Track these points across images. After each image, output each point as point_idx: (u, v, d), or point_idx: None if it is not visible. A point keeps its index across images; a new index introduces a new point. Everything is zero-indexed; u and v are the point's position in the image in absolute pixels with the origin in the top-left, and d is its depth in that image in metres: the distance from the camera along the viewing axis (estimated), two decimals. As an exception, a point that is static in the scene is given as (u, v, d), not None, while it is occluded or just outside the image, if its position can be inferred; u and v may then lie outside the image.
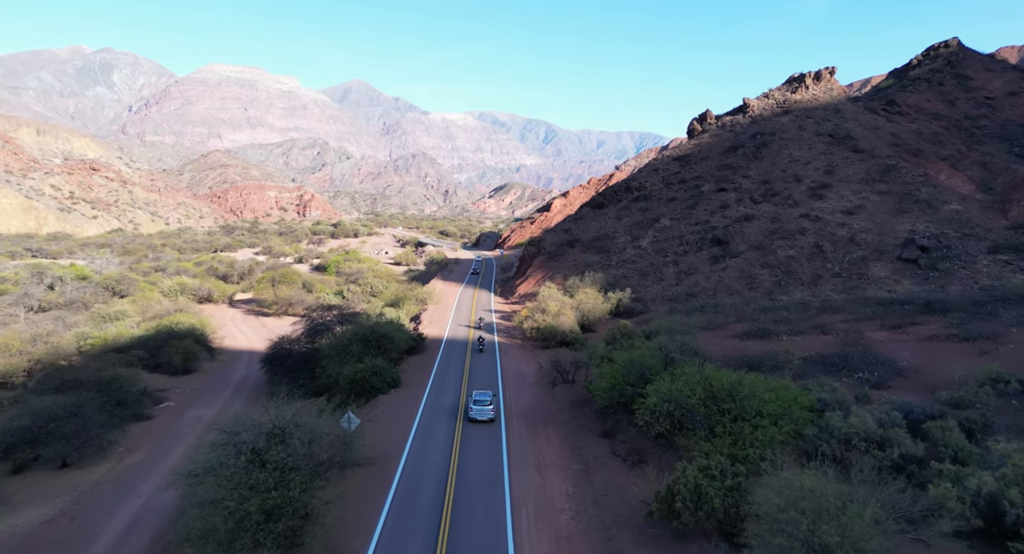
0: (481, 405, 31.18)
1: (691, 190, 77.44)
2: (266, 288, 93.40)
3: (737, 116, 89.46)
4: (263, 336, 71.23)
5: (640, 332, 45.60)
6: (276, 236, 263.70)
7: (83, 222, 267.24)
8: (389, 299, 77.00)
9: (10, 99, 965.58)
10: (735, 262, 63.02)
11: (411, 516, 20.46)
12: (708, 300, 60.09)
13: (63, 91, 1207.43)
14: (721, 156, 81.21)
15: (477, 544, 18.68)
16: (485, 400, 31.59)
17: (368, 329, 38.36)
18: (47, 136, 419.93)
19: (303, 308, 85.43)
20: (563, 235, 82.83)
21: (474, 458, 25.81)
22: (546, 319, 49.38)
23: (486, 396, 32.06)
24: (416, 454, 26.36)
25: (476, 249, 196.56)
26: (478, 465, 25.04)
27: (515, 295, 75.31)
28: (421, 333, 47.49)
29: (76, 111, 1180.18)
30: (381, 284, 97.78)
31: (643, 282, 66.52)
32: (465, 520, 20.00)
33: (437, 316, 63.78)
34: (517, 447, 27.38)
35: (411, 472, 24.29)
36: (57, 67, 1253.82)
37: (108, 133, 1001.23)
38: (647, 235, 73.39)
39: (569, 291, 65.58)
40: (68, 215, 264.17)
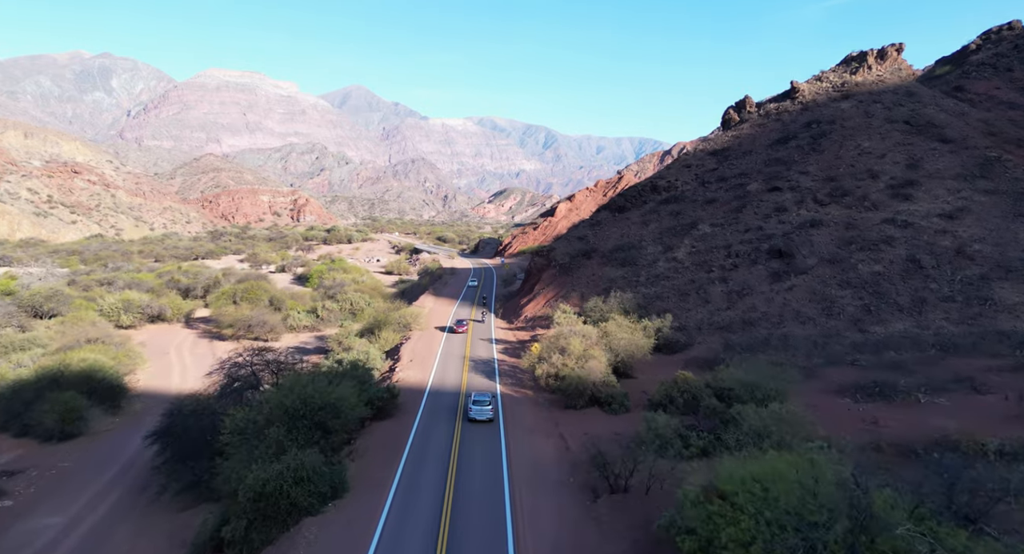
0: (481, 405, 31.28)
1: (734, 190, 63.82)
2: (225, 305, 79.60)
3: (783, 103, 76.11)
4: (207, 371, 57.35)
5: (706, 386, 31.71)
6: (264, 242, 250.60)
7: (60, 227, 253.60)
8: (367, 322, 63.14)
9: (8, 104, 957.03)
10: (803, 280, 49.23)
11: None
12: (772, 330, 46.26)
13: (61, 96, 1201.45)
14: (768, 149, 67.74)
15: None
16: (485, 400, 31.68)
17: (299, 399, 24.29)
18: (35, 139, 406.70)
19: (267, 331, 71.75)
20: (578, 244, 69.05)
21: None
22: (568, 364, 35.49)
23: (485, 397, 32.20)
24: None
25: (475, 256, 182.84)
26: None
27: (521, 318, 61.43)
28: (393, 386, 33.47)
29: (74, 116, 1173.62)
30: (363, 300, 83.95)
31: (683, 304, 52.70)
32: None
33: (423, 349, 49.84)
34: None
35: None
36: (56, 72, 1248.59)
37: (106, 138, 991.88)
38: (683, 244, 59.64)
39: (589, 315, 51.78)
40: (44, 220, 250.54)
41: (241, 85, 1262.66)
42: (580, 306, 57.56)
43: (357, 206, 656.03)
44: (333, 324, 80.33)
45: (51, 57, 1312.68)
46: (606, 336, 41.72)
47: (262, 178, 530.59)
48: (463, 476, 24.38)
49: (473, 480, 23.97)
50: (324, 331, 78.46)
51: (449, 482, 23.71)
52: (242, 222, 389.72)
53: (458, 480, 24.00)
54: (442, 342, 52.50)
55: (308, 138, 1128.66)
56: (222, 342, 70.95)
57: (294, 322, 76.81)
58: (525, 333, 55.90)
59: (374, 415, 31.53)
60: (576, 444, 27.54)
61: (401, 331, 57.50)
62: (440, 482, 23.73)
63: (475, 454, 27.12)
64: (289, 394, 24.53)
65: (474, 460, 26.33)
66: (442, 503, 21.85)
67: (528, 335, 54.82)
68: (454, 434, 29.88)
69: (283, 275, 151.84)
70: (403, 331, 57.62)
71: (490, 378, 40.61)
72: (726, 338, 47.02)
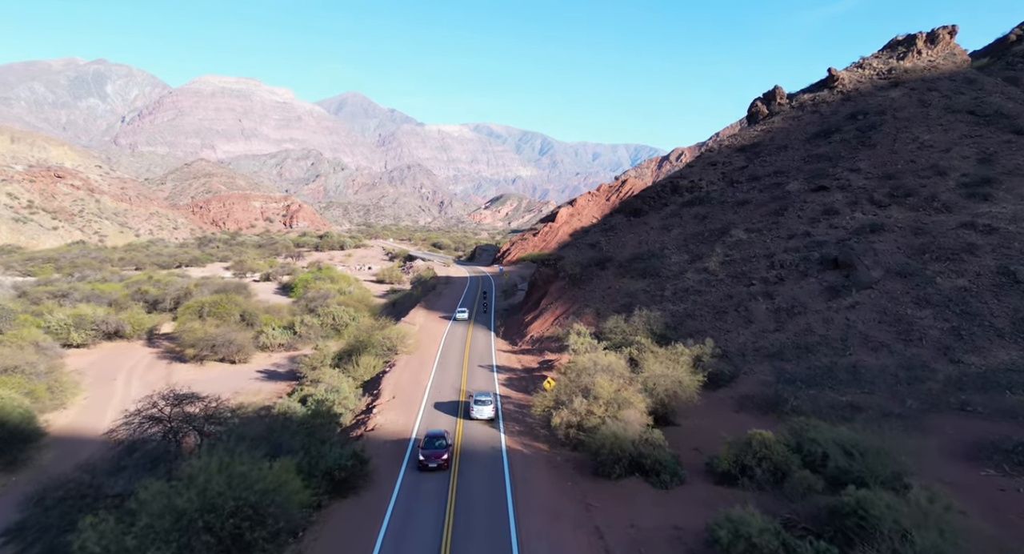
0: (481, 404, 32.67)
1: (770, 190, 55.60)
2: (191, 321, 70.59)
3: (820, 92, 68.14)
4: (153, 402, 48.43)
5: (789, 449, 23.11)
6: (253, 249, 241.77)
7: (40, 233, 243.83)
8: (347, 342, 54.30)
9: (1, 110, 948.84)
10: (868, 296, 40.83)
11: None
12: (835, 357, 37.75)
13: (55, 102, 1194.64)
14: (807, 144, 59.70)
15: None
16: (485, 400, 33.13)
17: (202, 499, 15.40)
18: (22, 143, 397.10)
19: (234, 351, 62.71)
20: (589, 252, 60.59)
21: None
22: (596, 411, 26.86)
23: (487, 395, 33.87)
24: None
25: (471, 264, 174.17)
26: None
27: (526, 338, 52.78)
28: (361, 451, 24.54)
29: (68, 122, 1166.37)
30: (347, 315, 75.11)
31: (720, 324, 44.22)
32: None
33: (409, 380, 41.08)
34: None
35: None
36: (50, 78, 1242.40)
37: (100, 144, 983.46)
38: (714, 253, 51.25)
39: (608, 337, 43.21)
40: (23, 226, 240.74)
41: (236, 91, 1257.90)
42: (596, 325, 48.99)
43: (352, 212, 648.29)
44: (312, 342, 71.46)
45: (46, 63, 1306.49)
46: (638, 369, 33.13)
47: (255, 183, 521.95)
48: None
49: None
50: (302, 349, 69.57)
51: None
52: (233, 228, 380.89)
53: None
54: (433, 370, 43.76)
55: (304, 144, 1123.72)
56: (183, 364, 61.99)
57: (267, 340, 67.90)
58: (532, 358, 47.21)
59: (333, 490, 22.73)
60: (622, 549, 18.77)
61: (385, 355, 48.73)
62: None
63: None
64: (185, 490, 15.72)
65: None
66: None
67: (536, 361, 46.15)
68: (445, 521, 21.10)
69: (267, 284, 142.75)
70: (388, 355, 48.86)
71: (492, 424, 31.82)
72: (778, 367, 38.50)
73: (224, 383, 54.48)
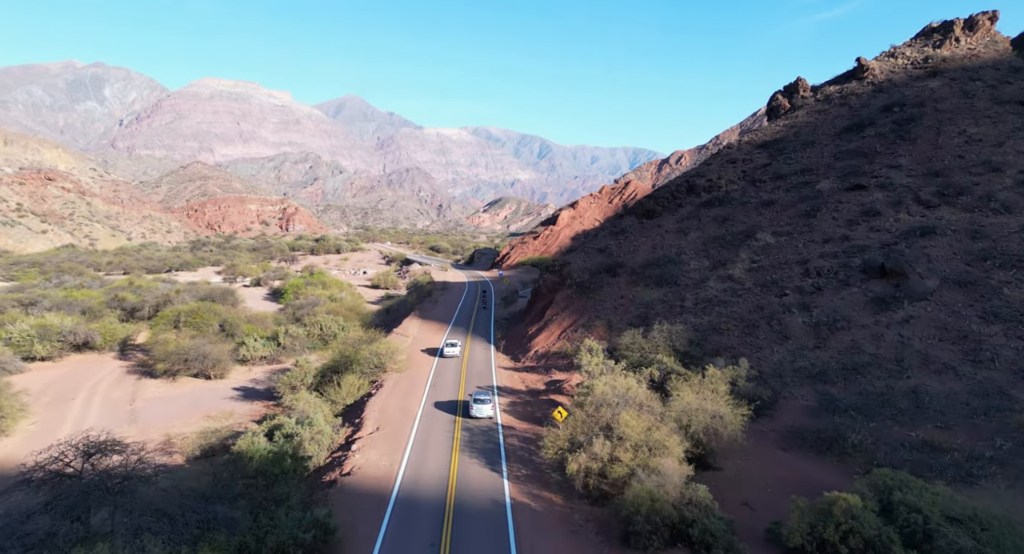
0: (480, 404, 33.20)
1: (798, 189, 50.49)
2: (165, 331, 65.18)
3: (849, 84, 63.09)
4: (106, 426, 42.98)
5: (878, 516, 17.82)
6: (247, 253, 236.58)
7: (29, 237, 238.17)
8: (332, 357, 48.87)
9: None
10: (923, 309, 35.64)
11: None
12: (890, 380, 32.53)
13: (53, 105, 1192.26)
14: (837, 139, 54.65)
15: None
16: (485, 399, 33.49)
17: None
18: (15, 146, 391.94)
19: (209, 366, 57.23)
20: (598, 257, 55.36)
21: None
22: (623, 458, 21.60)
23: (485, 394, 34.15)
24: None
25: (470, 268, 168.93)
26: None
27: (530, 354, 47.47)
28: (327, 516, 19.03)
29: (66, 125, 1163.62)
30: (335, 324, 69.79)
31: (751, 340, 39.01)
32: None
33: (396, 407, 35.75)
34: None
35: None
36: (48, 81, 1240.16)
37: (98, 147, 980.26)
38: (739, 259, 46.09)
39: (625, 355, 37.96)
40: (11, 229, 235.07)
41: (235, 94, 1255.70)
42: (609, 340, 43.74)
43: (350, 215, 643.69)
44: (298, 354, 66.11)
45: (43, 67, 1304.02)
46: (664, 395, 27.90)
47: (251, 186, 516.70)
48: None
49: None
50: (287, 362, 64.25)
51: None
52: (228, 231, 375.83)
53: None
54: (425, 393, 38.44)
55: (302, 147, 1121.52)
56: (153, 380, 56.55)
57: (248, 352, 62.49)
58: (537, 377, 41.88)
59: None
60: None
61: (373, 373, 43.37)
62: None
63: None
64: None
65: None
66: None
67: (542, 381, 40.83)
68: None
69: (257, 289, 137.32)
70: (375, 373, 43.50)
71: (492, 466, 26.50)
72: (823, 392, 33.26)
73: (194, 403, 49.16)
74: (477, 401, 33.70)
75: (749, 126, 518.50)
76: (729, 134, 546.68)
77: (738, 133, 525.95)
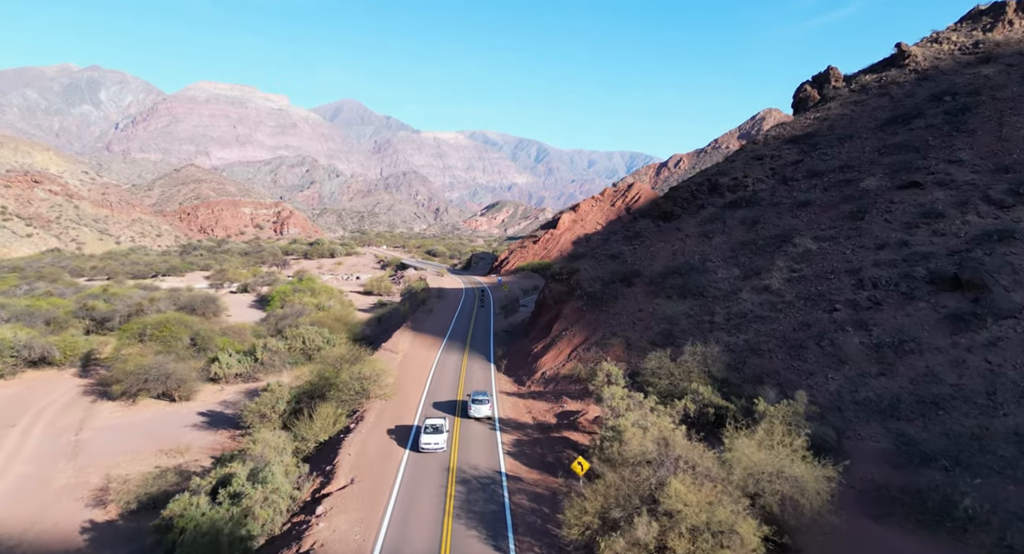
0: (479, 404, 32.98)
1: (838, 188, 44.69)
2: (130, 346, 58.86)
3: (887, 72, 57.44)
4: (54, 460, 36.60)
5: None
6: (238, 257, 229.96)
7: (13, 241, 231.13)
8: (307, 382, 42.60)
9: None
10: (1012, 329, 29.77)
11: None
12: (983, 419, 26.58)
13: (48, 108, 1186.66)
14: (879, 132, 48.97)
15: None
16: (483, 399, 33.29)
17: None
18: (5, 149, 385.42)
19: (173, 387, 50.84)
20: (611, 265, 49.37)
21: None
22: (678, 547, 15.45)
23: (484, 394, 33.98)
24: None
25: (467, 273, 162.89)
26: None
27: (536, 376, 41.36)
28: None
29: (61, 129, 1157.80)
30: (320, 337, 63.61)
31: (797, 363, 33.05)
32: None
33: (377, 447, 29.58)
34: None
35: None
36: (43, 84, 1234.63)
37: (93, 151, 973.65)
38: (775, 267, 40.17)
39: (651, 382, 31.92)
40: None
41: (231, 98, 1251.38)
42: (628, 361, 37.72)
43: (346, 219, 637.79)
44: (278, 370, 59.97)
45: (39, 70, 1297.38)
46: (708, 438, 21.88)
47: (245, 190, 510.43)
48: None
49: None
50: (264, 380, 58.01)
51: None
52: (222, 235, 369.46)
53: None
54: (413, 430, 32.23)
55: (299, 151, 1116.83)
56: (110, 403, 50.16)
57: (220, 370, 56.22)
58: (546, 407, 35.74)
59: None
60: None
61: (354, 400, 37.15)
62: None
63: None
64: None
65: None
66: None
67: (551, 412, 34.69)
68: None
69: (244, 296, 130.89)
70: (357, 400, 37.28)
71: (497, 541, 20.32)
72: (898, 431, 27.28)
73: (150, 432, 42.86)
74: (476, 401, 33.53)
75: (748, 130, 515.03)
76: (728, 137, 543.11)
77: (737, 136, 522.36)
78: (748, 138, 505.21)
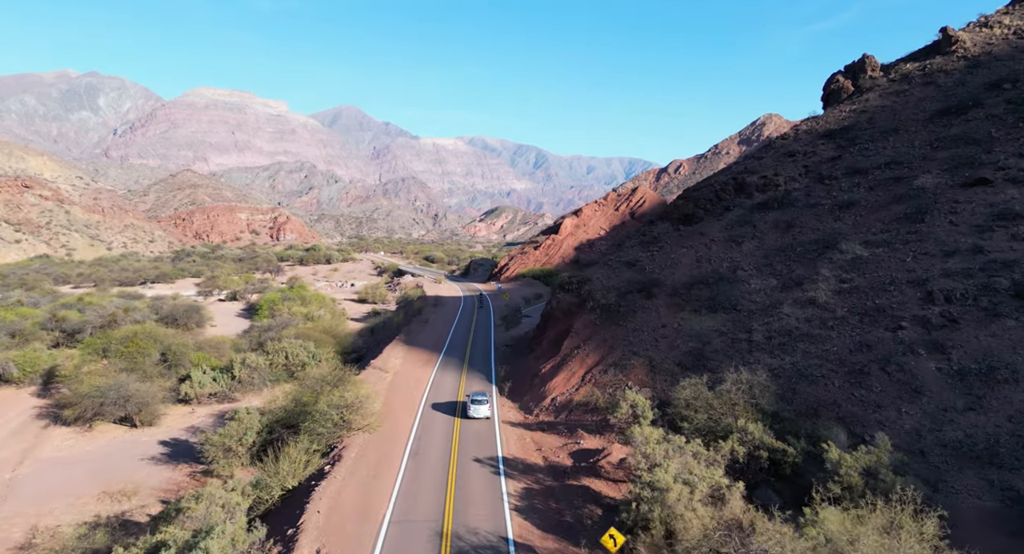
0: (478, 404, 33.18)
1: (887, 186, 39.54)
2: (93, 362, 53.25)
3: (932, 60, 52.53)
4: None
5: None
6: (232, 263, 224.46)
7: (0, 247, 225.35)
8: (282, 409, 37.07)
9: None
10: None
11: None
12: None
13: (46, 114, 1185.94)
14: (930, 124, 43.89)
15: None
16: (482, 400, 33.59)
17: None
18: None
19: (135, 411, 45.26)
20: (627, 273, 43.99)
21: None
22: None
23: (483, 395, 34.34)
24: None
25: (466, 280, 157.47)
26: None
27: (545, 402, 35.85)
28: None
29: (59, 135, 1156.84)
30: (305, 352, 58.12)
31: (860, 393, 27.65)
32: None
33: (354, 500, 24.03)
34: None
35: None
36: (41, 90, 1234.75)
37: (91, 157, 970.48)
38: (819, 276, 34.86)
39: (686, 416, 26.59)
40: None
41: (230, 104, 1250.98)
42: (654, 386, 32.27)
43: (344, 224, 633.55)
44: (258, 389, 54.41)
45: (37, 76, 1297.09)
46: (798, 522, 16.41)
47: (242, 195, 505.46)
48: None
49: None
50: (243, 399, 52.56)
51: None
52: (217, 241, 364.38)
53: None
54: (400, 472, 26.69)
55: (297, 157, 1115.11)
56: (63, 429, 44.48)
57: (192, 389, 50.61)
58: (559, 442, 30.21)
59: None
60: None
61: (333, 433, 31.58)
62: None
63: None
64: None
65: None
66: None
67: (566, 450, 29.15)
68: None
69: (233, 305, 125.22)
70: (337, 433, 31.72)
71: None
72: (1003, 483, 21.87)
73: (98, 467, 37.26)
74: (475, 402, 33.65)
75: (748, 135, 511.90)
76: (728, 143, 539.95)
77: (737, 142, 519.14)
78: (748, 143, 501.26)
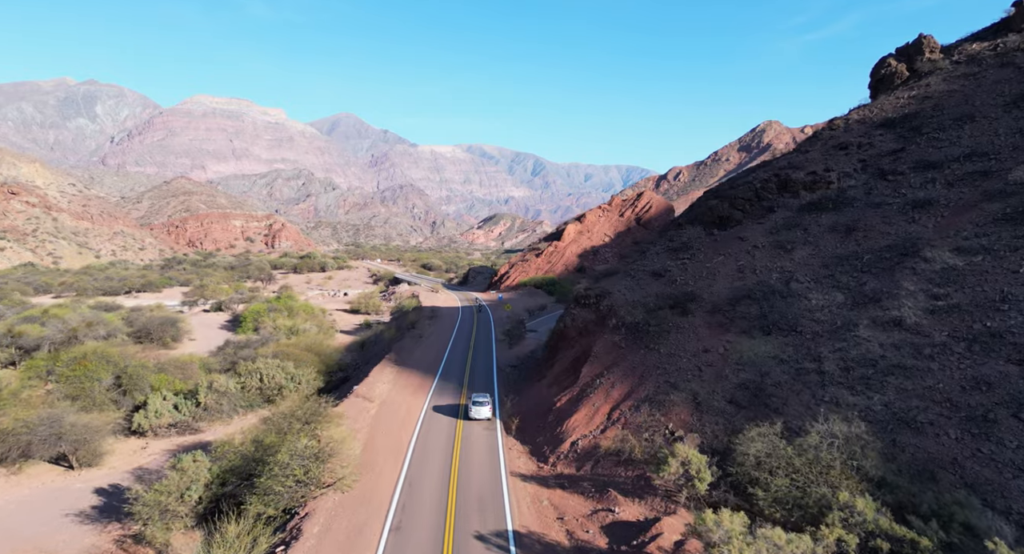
0: (479, 405, 33.25)
1: (971, 182, 33.04)
2: (34, 388, 46.17)
3: (1005, 38, 46.26)
4: None
5: None
6: (223, 271, 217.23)
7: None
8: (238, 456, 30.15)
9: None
10: None
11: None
12: None
13: (44, 122, 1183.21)
14: (1014, 110, 37.43)
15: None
16: (483, 401, 33.59)
17: None
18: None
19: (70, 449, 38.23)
20: (654, 285, 37.30)
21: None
22: None
23: (484, 396, 34.33)
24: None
25: (464, 288, 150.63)
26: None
27: (563, 447, 28.91)
28: None
29: (56, 142, 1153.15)
30: (283, 374, 51.12)
31: (987, 447, 20.91)
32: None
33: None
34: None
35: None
36: (39, 98, 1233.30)
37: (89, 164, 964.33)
38: (903, 292, 28.19)
39: (756, 479, 19.90)
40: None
41: (228, 112, 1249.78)
42: (702, 430, 25.43)
43: (341, 232, 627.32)
44: (227, 417, 47.44)
45: (35, 84, 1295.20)
46: None
47: (237, 202, 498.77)
48: None
49: None
50: (210, 430, 45.67)
51: None
52: (211, 248, 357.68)
53: None
54: None
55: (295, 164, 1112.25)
56: (-14, 470, 37.32)
57: (147, 420, 43.57)
58: (584, 505, 23.25)
59: None
60: None
61: (296, 494, 24.61)
62: None
63: None
64: None
65: None
66: None
67: (595, 520, 22.17)
68: None
69: (217, 316, 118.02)
70: (300, 492, 24.74)
71: None
72: None
73: (9, 526, 30.15)
74: (476, 403, 33.40)
75: (748, 141, 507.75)
76: (728, 150, 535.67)
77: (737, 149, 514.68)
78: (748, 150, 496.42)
